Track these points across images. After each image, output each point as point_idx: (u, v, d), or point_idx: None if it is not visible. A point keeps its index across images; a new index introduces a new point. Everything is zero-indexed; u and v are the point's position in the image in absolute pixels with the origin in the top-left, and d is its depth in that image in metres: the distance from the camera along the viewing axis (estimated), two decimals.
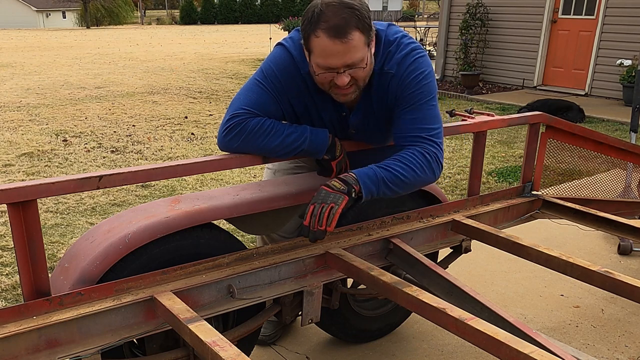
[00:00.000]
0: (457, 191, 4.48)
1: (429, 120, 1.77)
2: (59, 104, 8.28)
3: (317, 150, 1.77)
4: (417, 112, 1.75)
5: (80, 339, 1.48)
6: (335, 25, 1.55)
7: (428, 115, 1.77)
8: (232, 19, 48.07)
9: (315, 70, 1.65)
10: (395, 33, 1.79)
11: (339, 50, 1.57)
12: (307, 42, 1.63)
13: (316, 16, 1.57)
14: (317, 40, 1.58)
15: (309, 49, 1.64)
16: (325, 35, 1.56)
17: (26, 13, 51.59)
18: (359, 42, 1.59)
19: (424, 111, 1.76)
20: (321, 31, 1.56)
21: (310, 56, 1.65)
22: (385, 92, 1.78)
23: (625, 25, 8.47)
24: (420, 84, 1.74)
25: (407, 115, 1.76)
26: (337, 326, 2.32)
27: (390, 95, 1.78)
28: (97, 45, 21.41)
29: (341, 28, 1.55)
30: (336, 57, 1.58)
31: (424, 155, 1.74)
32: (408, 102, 1.75)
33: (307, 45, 1.64)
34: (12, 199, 1.38)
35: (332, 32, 1.55)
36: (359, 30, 1.58)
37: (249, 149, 1.73)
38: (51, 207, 4.01)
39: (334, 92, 1.70)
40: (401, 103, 1.76)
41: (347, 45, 1.57)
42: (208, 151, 5.74)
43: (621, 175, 3.23)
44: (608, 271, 1.82)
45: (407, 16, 30.30)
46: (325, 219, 1.62)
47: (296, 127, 1.76)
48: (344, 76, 1.62)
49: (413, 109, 1.76)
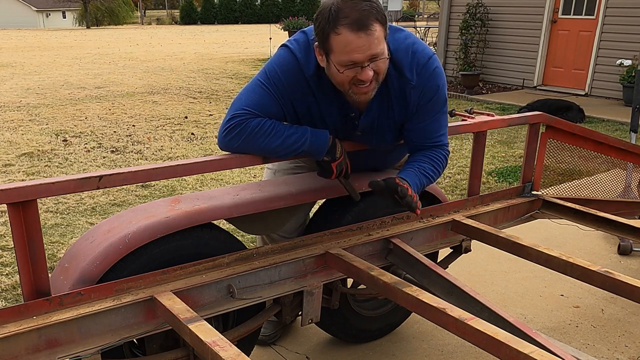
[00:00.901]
0: (457, 191, 4.48)
1: (443, 127, 1.91)
2: (59, 104, 8.28)
3: (318, 152, 1.77)
4: (435, 122, 1.87)
5: (80, 339, 1.48)
6: (358, 19, 1.55)
7: (443, 122, 1.91)
8: (232, 19, 48.05)
9: (338, 69, 1.62)
10: (406, 38, 1.79)
11: (363, 44, 1.57)
12: (325, 42, 1.60)
13: (334, 14, 1.56)
14: (338, 37, 1.57)
15: (327, 49, 1.61)
16: (348, 30, 1.55)
17: (26, 13, 51.60)
18: (380, 33, 1.59)
19: (441, 120, 1.89)
20: (342, 27, 1.55)
21: (329, 56, 1.62)
22: (406, 100, 1.80)
23: (625, 25, 8.47)
24: (440, 95, 1.83)
25: (425, 125, 1.86)
26: (337, 326, 2.32)
27: (411, 106, 1.81)
28: (97, 45, 21.41)
29: (363, 21, 1.55)
30: (361, 50, 1.58)
31: (445, 157, 1.92)
32: (428, 112, 1.84)
33: (325, 46, 1.61)
34: (12, 199, 1.38)
35: (356, 26, 1.55)
36: (378, 21, 1.58)
37: (249, 149, 1.73)
38: (51, 207, 4.01)
39: (354, 92, 1.68)
40: (422, 113, 1.84)
41: (370, 37, 1.57)
42: (208, 151, 5.74)
43: (621, 175, 3.23)
44: (608, 271, 1.82)
45: (407, 16, 30.27)
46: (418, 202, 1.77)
47: (297, 128, 1.75)
48: (368, 70, 1.61)
49: (432, 119, 1.86)
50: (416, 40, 1.80)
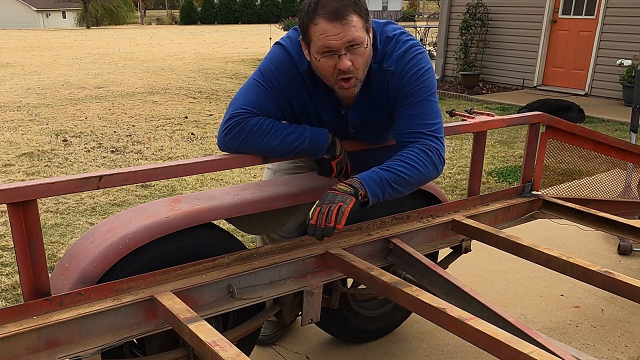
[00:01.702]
0: (457, 191, 4.48)
1: (429, 115, 1.77)
2: (59, 104, 8.28)
3: (317, 150, 1.77)
4: (417, 108, 1.76)
5: (80, 339, 1.48)
6: (334, 9, 1.58)
7: (428, 110, 1.77)
8: (232, 19, 48.07)
9: (315, 57, 1.65)
10: (393, 30, 1.80)
11: (339, 32, 1.59)
12: (305, 33, 1.64)
13: (313, 6, 1.61)
14: (315, 27, 1.60)
15: (307, 40, 1.65)
16: (324, 20, 1.59)
17: (26, 13, 51.60)
18: (357, 23, 1.61)
19: (424, 107, 1.77)
20: (319, 17, 1.59)
21: (310, 46, 1.65)
22: (385, 89, 1.78)
23: (625, 25, 8.47)
24: (420, 80, 1.75)
25: (407, 112, 1.77)
26: (337, 326, 2.32)
27: (391, 92, 1.79)
28: (97, 45, 21.41)
29: (339, 11, 1.58)
30: (336, 37, 1.60)
31: (425, 152, 1.74)
32: (408, 98, 1.76)
33: (305, 37, 1.65)
34: (12, 199, 1.38)
35: (332, 15, 1.58)
36: (356, 13, 1.61)
37: (249, 149, 1.73)
38: (51, 207, 4.01)
39: (339, 87, 1.70)
40: (401, 99, 1.77)
41: (346, 26, 1.59)
42: (208, 151, 5.73)
43: (621, 175, 3.23)
44: (608, 271, 1.82)
45: (407, 16, 30.30)
46: (334, 216, 1.59)
47: (296, 127, 1.76)
48: (345, 59, 1.62)
49: (413, 105, 1.76)
50: (404, 32, 1.81)
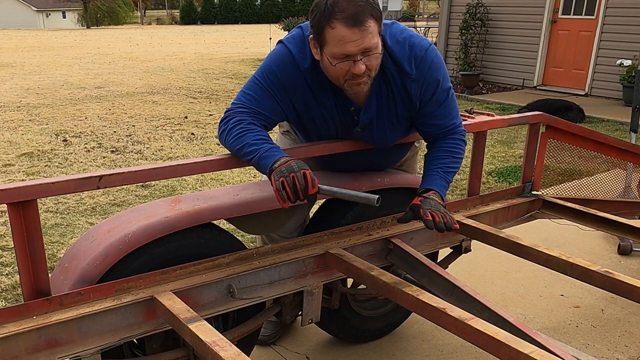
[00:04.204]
0: (457, 191, 4.48)
1: (455, 108, 1.94)
2: (59, 104, 8.28)
3: (261, 170, 1.72)
4: (446, 107, 1.89)
5: (80, 339, 1.48)
6: (353, 14, 1.57)
7: (453, 104, 1.93)
8: (232, 19, 48.04)
9: (331, 62, 1.64)
10: (402, 32, 1.80)
11: (357, 38, 1.59)
12: (319, 35, 1.63)
13: (329, 7, 1.59)
14: (332, 31, 1.59)
15: (321, 41, 1.64)
16: (343, 25, 1.58)
17: (26, 13, 51.57)
18: (374, 28, 1.62)
19: (452, 103, 1.92)
20: (337, 21, 1.58)
21: (323, 48, 1.65)
22: (407, 93, 1.81)
23: (625, 25, 8.47)
24: (442, 85, 1.85)
25: (439, 112, 1.88)
26: (337, 326, 2.32)
27: (414, 98, 1.82)
28: (97, 45, 21.41)
29: (358, 16, 1.58)
30: (354, 44, 1.60)
31: (462, 140, 1.95)
32: (435, 104, 1.86)
33: (319, 38, 1.64)
34: (12, 199, 1.38)
35: (351, 20, 1.57)
36: (373, 18, 1.61)
37: (228, 147, 1.75)
38: (51, 207, 4.00)
39: (349, 85, 1.70)
40: (429, 106, 1.85)
41: (364, 32, 1.59)
42: (208, 151, 5.73)
43: (621, 175, 3.23)
44: (608, 271, 1.82)
45: (407, 16, 30.29)
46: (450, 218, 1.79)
47: (258, 142, 1.70)
48: (360, 64, 1.63)
49: (442, 108, 1.88)
50: (412, 33, 1.82)
